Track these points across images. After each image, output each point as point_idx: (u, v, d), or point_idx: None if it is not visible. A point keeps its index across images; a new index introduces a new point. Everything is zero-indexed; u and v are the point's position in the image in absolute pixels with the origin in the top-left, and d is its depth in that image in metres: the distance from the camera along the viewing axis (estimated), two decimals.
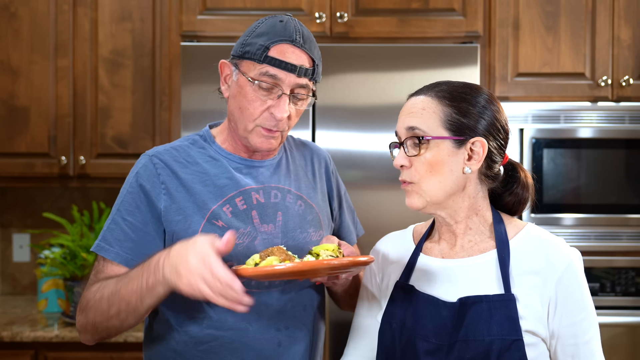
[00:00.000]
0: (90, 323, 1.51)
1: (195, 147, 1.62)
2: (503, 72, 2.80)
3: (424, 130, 1.39)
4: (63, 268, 2.81)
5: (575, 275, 1.39)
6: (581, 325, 1.39)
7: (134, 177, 1.57)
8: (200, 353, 1.55)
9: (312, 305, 1.65)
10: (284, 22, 1.55)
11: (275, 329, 1.57)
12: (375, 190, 2.54)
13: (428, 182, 1.40)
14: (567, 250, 1.41)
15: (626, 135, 2.77)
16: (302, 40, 1.54)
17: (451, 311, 1.38)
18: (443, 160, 1.39)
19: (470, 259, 1.43)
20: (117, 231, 1.55)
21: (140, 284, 1.41)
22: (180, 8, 2.74)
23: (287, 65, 1.51)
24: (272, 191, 1.62)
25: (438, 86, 1.43)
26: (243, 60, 1.54)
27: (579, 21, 2.80)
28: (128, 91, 2.89)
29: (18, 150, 2.89)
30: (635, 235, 2.76)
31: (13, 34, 2.89)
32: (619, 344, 2.73)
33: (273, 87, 1.52)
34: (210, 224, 1.54)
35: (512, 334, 1.33)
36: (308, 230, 1.63)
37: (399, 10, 2.75)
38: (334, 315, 2.49)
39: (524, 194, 1.50)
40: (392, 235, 1.62)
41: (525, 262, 1.40)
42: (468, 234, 1.46)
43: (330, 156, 1.82)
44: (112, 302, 1.46)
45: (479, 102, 1.41)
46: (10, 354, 2.66)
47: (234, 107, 1.57)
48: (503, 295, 1.36)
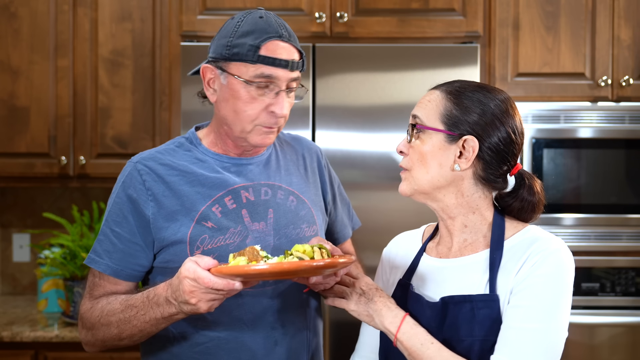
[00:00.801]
0: (100, 340, 1.55)
1: (182, 150, 1.61)
2: (503, 72, 2.80)
3: (422, 120, 1.41)
4: (63, 268, 2.81)
5: (555, 265, 1.32)
6: (527, 311, 1.29)
7: (120, 186, 1.57)
8: (197, 354, 1.55)
9: (308, 302, 1.64)
10: (264, 18, 1.53)
11: (271, 327, 1.56)
12: (375, 190, 2.54)
13: (418, 171, 1.42)
14: (555, 243, 1.35)
15: (626, 135, 2.77)
16: (287, 34, 1.53)
17: (434, 311, 1.38)
18: (433, 152, 1.40)
19: (462, 259, 1.43)
20: (105, 243, 1.56)
21: (155, 315, 1.44)
22: (180, 8, 2.74)
23: (281, 62, 1.50)
24: (262, 188, 1.61)
25: (453, 83, 1.45)
26: (231, 63, 1.52)
27: (579, 21, 2.80)
28: (128, 91, 2.89)
29: (18, 150, 2.89)
30: (635, 235, 2.76)
31: (13, 34, 2.89)
32: (619, 344, 2.73)
33: (268, 86, 1.51)
34: (199, 226, 1.53)
35: (493, 335, 1.32)
36: (301, 226, 1.62)
37: (399, 10, 2.76)
38: (334, 315, 2.49)
39: (530, 199, 1.42)
40: (403, 234, 1.62)
41: (514, 260, 1.36)
42: (464, 232, 1.45)
43: (321, 150, 1.81)
44: (123, 329, 1.49)
45: (486, 103, 1.39)
46: (10, 354, 2.66)
47: (227, 110, 1.54)
48: (487, 295, 1.34)
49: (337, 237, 1.81)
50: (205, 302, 1.35)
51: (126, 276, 1.56)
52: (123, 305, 1.49)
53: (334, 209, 1.78)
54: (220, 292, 1.33)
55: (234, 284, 1.31)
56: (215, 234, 1.53)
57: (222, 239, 1.53)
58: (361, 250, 1.87)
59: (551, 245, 1.35)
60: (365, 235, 1.91)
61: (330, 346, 2.51)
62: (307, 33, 2.73)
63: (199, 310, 1.36)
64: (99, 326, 1.53)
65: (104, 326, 1.51)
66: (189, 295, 1.34)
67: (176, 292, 1.37)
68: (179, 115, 2.75)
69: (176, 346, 1.56)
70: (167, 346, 1.57)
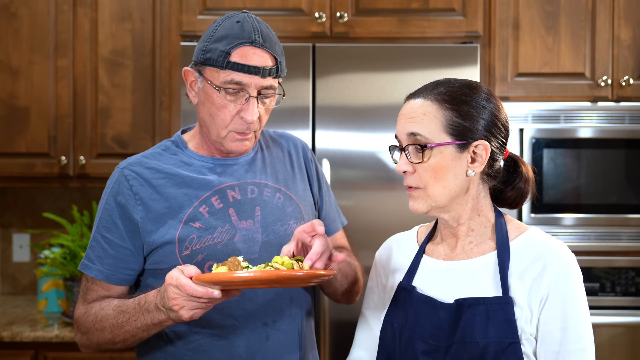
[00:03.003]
0: (95, 344, 1.58)
1: (168, 154, 1.63)
2: (503, 72, 2.80)
3: (426, 137, 1.37)
4: (63, 268, 2.81)
5: (570, 279, 1.36)
6: (571, 332, 1.35)
7: (108, 192, 1.60)
8: (190, 352, 1.56)
9: (298, 297, 1.64)
10: (240, 23, 1.52)
11: (262, 323, 1.57)
12: (376, 190, 2.54)
13: (433, 188, 1.39)
14: (566, 254, 1.39)
15: (626, 135, 2.77)
16: (261, 40, 1.51)
17: (448, 312, 1.38)
18: (447, 165, 1.38)
19: (470, 260, 1.43)
20: (97, 248, 1.59)
21: (146, 321, 1.46)
22: (180, 8, 2.74)
23: (251, 68, 1.49)
24: (248, 187, 1.62)
25: (437, 88, 1.41)
26: (206, 67, 1.53)
27: (579, 21, 2.80)
28: (128, 91, 2.89)
29: (18, 150, 2.89)
30: (635, 235, 2.76)
31: (13, 34, 2.89)
32: (619, 344, 2.73)
33: (239, 92, 1.51)
34: (187, 226, 1.55)
35: (508, 337, 1.33)
36: (289, 222, 1.63)
37: (399, 10, 2.76)
38: (334, 315, 2.49)
39: (525, 188, 1.47)
40: (397, 236, 1.62)
41: (524, 264, 1.39)
42: (470, 235, 1.46)
43: (307, 144, 1.81)
44: (116, 334, 1.52)
45: (479, 103, 1.39)
46: (10, 354, 2.66)
47: (204, 113, 1.56)
48: (501, 297, 1.35)
49: (327, 230, 1.79)
50: (187, 310, 1.37)
51: (118, 280, 1.59)
52: (116, 311, 1.51)
53: (321, 202, 1.78)
54: (201, 300, 1.35)
55: (213, 292, 1.33)
56: (203, 233, 1.55)
57: (210, 239, 1.55)
58: (366, 250, 1.87)
59: (565, 256, 1.38)
60: (366, 235, 1.91)
61: (330, 346, 2.51)
62: (307, 33, 2.73)
63: (182, 318, 1.38)
64: (93, 331, 1.55)
65: (98, 331, 1.54)
66: (172, 302, 1.36)
67: (163, 299, 1.39)
68: (179, 115, 2.75)
69: (170, 345, 1.58)
70: (161, 345, 1.58)
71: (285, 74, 1.59)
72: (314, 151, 2.55)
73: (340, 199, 2.52)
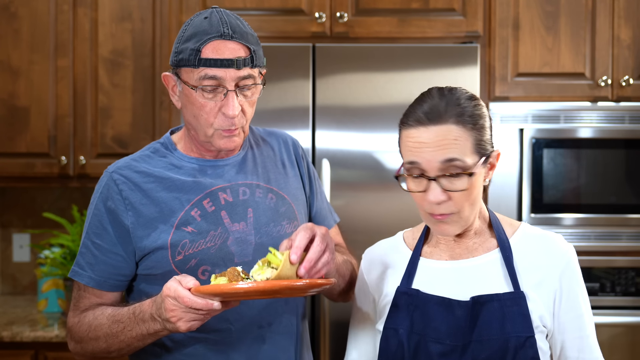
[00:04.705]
0: (89, 352, 1.55)
1: (157, 156, 1.60)
2: (503, 72, 2.80)
3: (464, 161, 1.34)
4: (63, 268, 2.81)
5: (576, 269, 1.44)
6: (584, 318, 1.43)
7: (98, 197, 1.56)
8: (185, 357, 1.54)
9: (293, 299, 1.63)
10: (208, 18, 1.50)
11: (257, 326, 1.56)
12: (376, 191, 2.54)
13: (468, 210, 1.39)
14: (566, 246, 1.45)
15: (626, 135, 2.77)
16: (230, 31, 1.48)
17: (465, 310, 1.38)
18: (479, 185, 1.39)
19: (476, 259, 1.44)
20: (87, 255, 1.56)
21: (141, 331, 1.44)
22: (180, 8, 2.74)
23: (223, 61, 1.46)
24: (240, 188, 1.59)
25: (451, 108, 1.35)
26: (181, 69, 1.51)
27: (579, 21, 2.81)
28: (128, 91, 2.89)
29: (18, 150, 2.89)
30: (635, 235, 2.77)
31: (13, 34, 2.89)
32: (619, 344, 2.73)
33: (217, 87, 1.48)
34: (179, 231, 1.52)
35: (525, 331, 1.35)
36: (281, 223, 1.61)
37: (399, 10, 2.76)
38: (334, 315, 2.49)
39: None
40: (382, 243, 1.59)
41: (527, 259, 1.42)
42: (474, 235, 1.47)
43: (297, 140, 1.78)
44: (111, 343, 1.49)
45: (484, 112, 1.40)
46: (10, 354, 2.66)
47: (189, 116, 1.54)
48: (513, 293, 1.38)
49: None
50: (185, 322, 1.35)
51: (110, 287, 1.56)
52: (110, 320, 1.49)
53: (312, 199, 1.75)
54: (199, 312, 1.33)
55: (213, 304, 1.31)
56: (195, 238, 1.52)
57: (203, 243, 1.52)
58: (355, 246, 1.86)
59: (567, 247, 1.45)
60: (366, 235, 1.91)
61: (330, 346, 2.51)
62: (307, 33, 2.73)
63: (179, 329, 1.36)
64: (87, 340, 1.53)
65: (93, 340, 1.52)
66: (170, 314, 1.35)
67: (159, 309, 1.37)
68: (179, 115, 2.75)
69: (165, 350, 1.56)
70: (155, 350, 1.57)
71: (265, 63, 1.56)
72: (314, 151, 2.55)
73: (340, 199, 2.52)
